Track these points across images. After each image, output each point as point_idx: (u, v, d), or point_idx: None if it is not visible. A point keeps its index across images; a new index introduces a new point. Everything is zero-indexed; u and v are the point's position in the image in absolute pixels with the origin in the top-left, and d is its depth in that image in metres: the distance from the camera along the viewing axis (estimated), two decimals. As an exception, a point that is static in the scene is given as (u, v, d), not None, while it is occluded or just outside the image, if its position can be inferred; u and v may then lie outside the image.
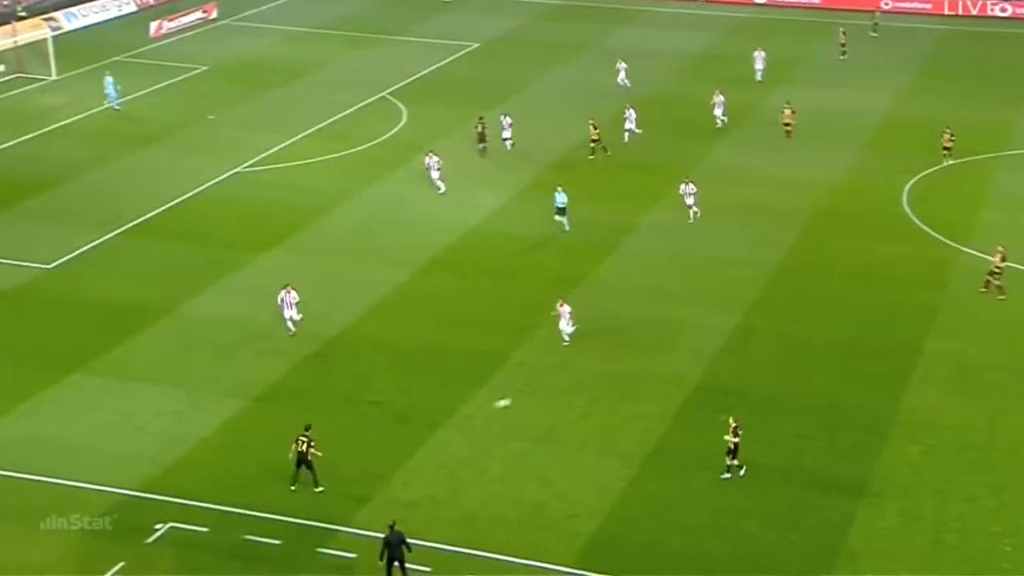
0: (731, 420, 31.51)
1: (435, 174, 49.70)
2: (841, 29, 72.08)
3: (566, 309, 37.94)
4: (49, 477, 31.29)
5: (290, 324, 38.23)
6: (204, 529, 29.46)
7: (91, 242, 45.09)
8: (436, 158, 50.07)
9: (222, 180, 51.22)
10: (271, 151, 54.14)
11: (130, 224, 46.69)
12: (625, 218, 47.70)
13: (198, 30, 75.70)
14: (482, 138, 53.65)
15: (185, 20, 75.98)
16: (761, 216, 48.16)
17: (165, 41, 72.93)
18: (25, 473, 31.45)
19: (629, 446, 32.95)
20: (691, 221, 45.74)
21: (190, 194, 49.66)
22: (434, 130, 57.13)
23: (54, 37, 67.62)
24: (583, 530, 29.78)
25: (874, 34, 75.13)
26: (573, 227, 46.54)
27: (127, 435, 33.31)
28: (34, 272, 42.74)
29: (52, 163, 53.02)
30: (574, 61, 69.88)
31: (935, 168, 52.59)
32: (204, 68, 67.42)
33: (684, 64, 69.25)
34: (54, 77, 64.35)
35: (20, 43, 67.00)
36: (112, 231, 46.03)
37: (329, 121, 58.33)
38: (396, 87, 63.70)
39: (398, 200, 49.55)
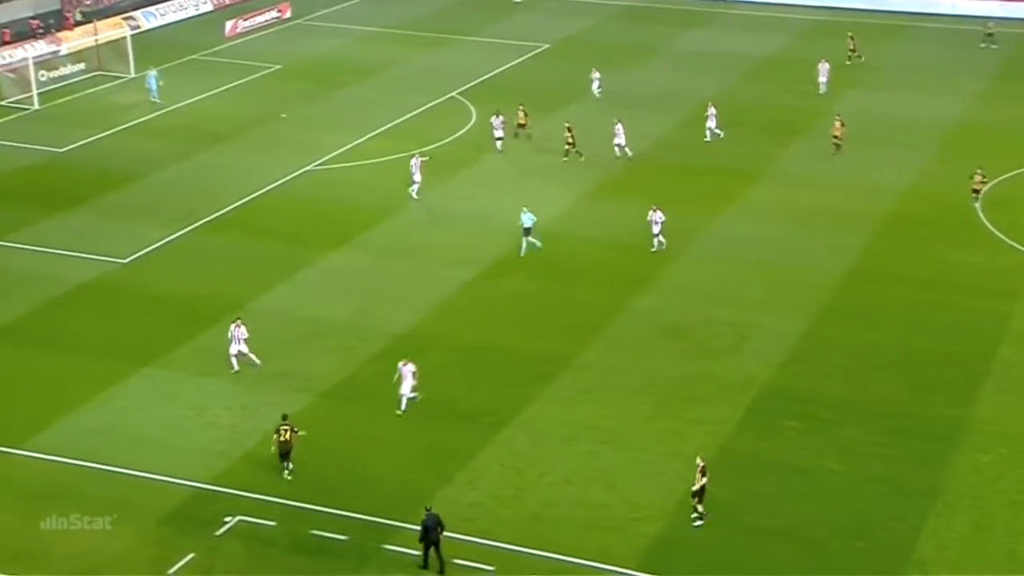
0: (699, 460, 30.02)
1: (498, 133, 51.81)
2: (849, 34, 70.63)
3: (409, 369, 34.31)
4: (122, 468, 31.67)
5: (234, 361, 35.91)
6: (271, 523, 29.65)
7: (165, 237, 45.64)
8: (501, 118, 52.85)
9: (293, 178, 51.61)
10: (341, 150, 54.44)
11: (203, 220, 47.18)
12: (693, 221, 47.33)
13: (272, 29, 76.37)
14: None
15: (259, 19, 76.71)
16: (830, 221, 47.57)
17: (240, 40, 73.67)
18: (99, 463, 31.87)
19: (695, 449, 32.57)
20: (654, 249, 43.64)
21: (262, 191, 50.08)
22: (504, 130, 56.98)
23: (133, 36, 68.59)
24: (647, 532, 29.55)
25: (991, 45, 71.58)
26: (639, 229, 46.20)
27: (197, 429, 33.63)
28: (110, 266, 43.34)
29: (129, 159, 53.76)
30: (644, 63, 69.50)
31: (1011, 174, 51.58)
32: (277, 67, 68.00)
33: (754, 67, 68.60)
34: (132, 75, 65.26)
35: (100, 41, 68.07)
36: (186, 227, 46.55)
37: (399, 121, 58.52)
38: (466, 87, 63.77)
39: (467, 200, 49.57)
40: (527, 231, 44.05)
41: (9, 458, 32.14)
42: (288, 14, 78.91)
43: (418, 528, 28.16)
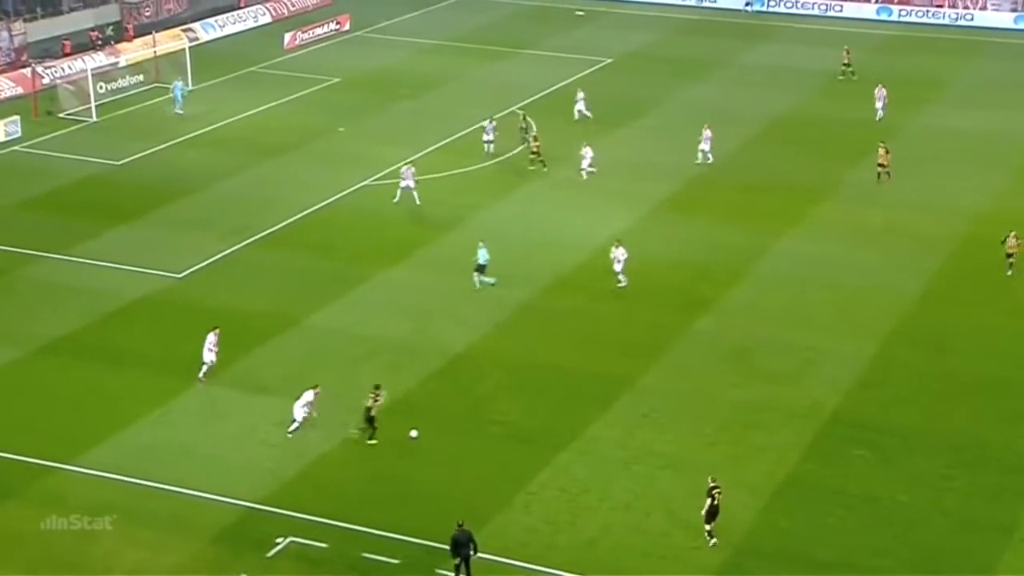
0: (710, 480, 29.86)
1: (488, 137, 53.55)
2: (845, 47, 69.67)
3: (310, 394, 34.22)
4: (174, 486, 31.91)
5: (206, 368, 36.61)
6: (323, 545, 29.71)
7: (221, 252, 46.06)
8: (494, 124, 55.30)
9: (350, 192, 51.90)
10: (399, 164, 54.63)
11: (259, 234, 47.56)
12: (759, 240, 47.00)
13: (331, 41, 76.99)
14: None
15: (319, 31, 77.35)
16: (902, 242, 47.01)
17: (298, 52, 74.33)
18: (151, 481, 32.12)
19: (759, 477, 32.30)
20: (621, 285, 42.55)
21: (319, 206, 50.40)
22: (564, 146, 57.01)
23: (191, 48, 69.48)
24: (709, 563, 29.25)
25: None
26: (702, 248, 46.02)
27: (250, 447, 33.82)
28: (165, 281, 43.81)
29: (185, 172, 54.37)
30: (709, 78, 69.21)
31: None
32: (336, 79, 68.52)
33: (822, 82, 68.04)
34: (190, 87, 66.04)
35: (159, 53, 69.02)
36: (242, 241, 46.95)
37: (458, 135, 58.69)
38: (527, 101, 63.83)
39: (525, 217, 49.57)
40: (480, 268, 42.48)
41: (62, 473, 32.52)
42: (347, 26, 79.51)
43: (490, 557, 28.12)
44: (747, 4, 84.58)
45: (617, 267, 42.71)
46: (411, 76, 69.32)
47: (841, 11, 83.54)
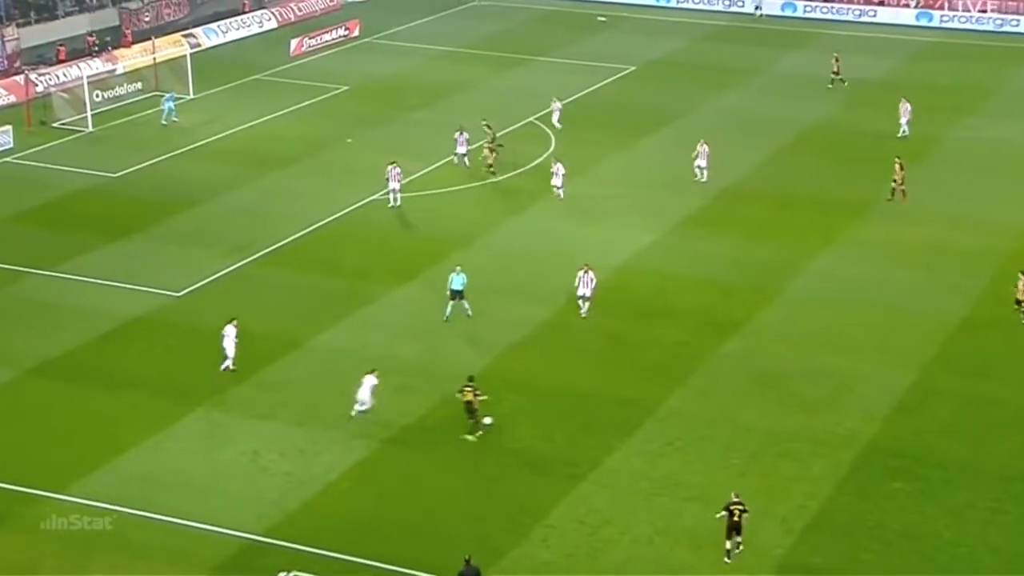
0: (733, 495, 30.09)
1: (461, 149, 53.07)
2: (835, 54, 69.58)
3: (370, 380, 35.75)
4: (171, 517, 31.80)
5: (229, 363, 38.25)
6: (329, 579, 29.62)
7: (222, 269, 46.09)
8: (466, 135, 54.89)
9: (359, 207, 51.94)
10: (410, 177, 54.68)
11: (263, 251, 47.60)
12: (791, 259, 46.86)
13: (340, 48, 77.26)
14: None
15: (327, 37, 77.65)
16: (944, 261, 46.82)
17: (305, 59, 74.59)
18: (147, 511, 32.01)
19: (791, 510, 32.06)
20: (583, 315, 42.01)
21: (325, 221, 50.44)
22: (584, 158, 57.04)
23: (193, 54, 69.76)
24: (737, 602, 29.06)
25: None
26: (731, 267, 45.88)
27: (251, 476, 33.74)
28: (163, 299, 43.84)
29: (185, 185, 54.50)
30: (740, 87, 69.20)
31: None
32: (344, 88, 68.69)
33: (855, 92, 67.92)
34: (191, 96, 66.33)
35: (158, 60, 69.31)
36: (244, 258, 46.99)
37: (472, 147, 58.70)
38: (545, 112, 63.86)
39: (543, 232, 49.52)
40: (456, 294, 41.80)
41: (52, 503, 32.43)
42: (356, 32, 79.79)
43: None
44: (756, 8, 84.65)
45: (586, 291, 41.98)
46: (423, 84, 69.46)
47: (875, 16, 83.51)
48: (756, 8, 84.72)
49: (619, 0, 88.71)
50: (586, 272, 42.26)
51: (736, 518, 29.92)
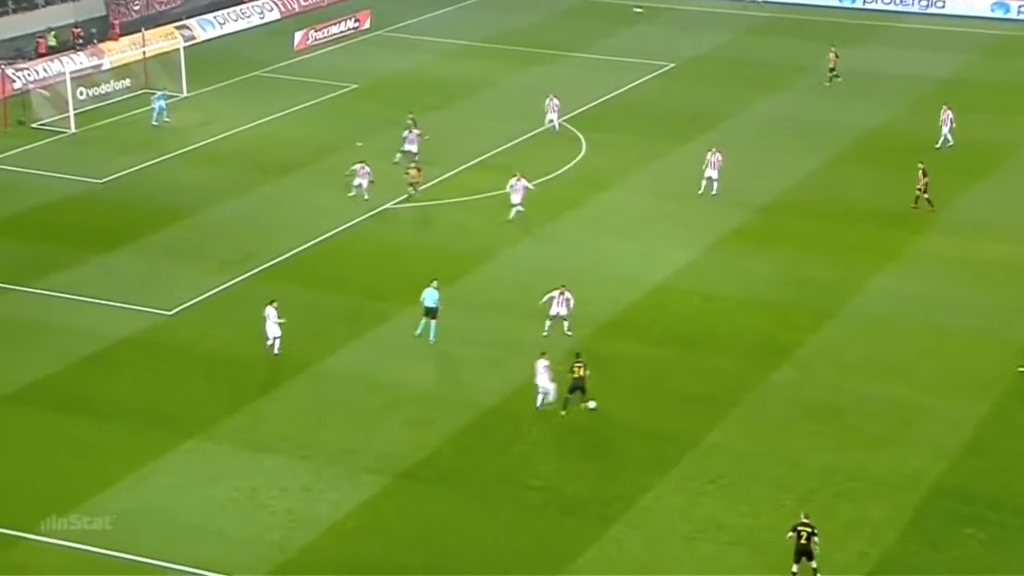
0: (803, 515, 30.70)
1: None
2: (832, 48, 69.50)
3: (543, 364, 37.96)
4: (160, 560, 31.80)
5: (274, 341, 40.94)
6: (333, 631, 29.60)
7: (218, 285, 46.22)
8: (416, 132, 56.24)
9: (369, 217, 52.06)
10: (426, 185, 54.79)
11: (263, 265, 47.72)
12: (848, 277, 46.73)
13: (348, 42, 77.56)
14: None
15: (334, 30, 77.99)
16: (1020, 280, 46.61)
17: (311, 54, 74.91)
18: (133, 554, 32.03)
19: (849, 558, 31.89)
20: (568, 333, 42.21)
21: (332, 232, 50.55)
22: (616, 166, 57.04)
23: (186, 48, 70.14)
24: (788, 660, 28.89)
25: None
26: (780, 286, 45.76)
27: (249, 514, 33.75)
28: (153, 318, 43.96)
29: (179, 192, 54.73)
30: (790, 86, 69.14)
31: None
32: (354, 86, 68.93)
33: (921, 92, 67.82)
34: (185, 94, 66.65)
35: (149, 54, 69.69)
36: (243, 273, 47.12)
37: (494, 151, 58.74)
38: (574, 113, 63.91)
39: (571, 247, 49.51)
40: (431, 312, 42.03)
41: (27, 544, 32.48)
42: (367, 24, 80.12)
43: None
44: None
45: (563, 311, 42.06)
46: (440, 83, 69.64)
47: (944, 7, 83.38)
48: None
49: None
50: (562, 293, 42.31)
51: (804, 541, 30.23)
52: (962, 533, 32.85)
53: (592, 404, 37.86)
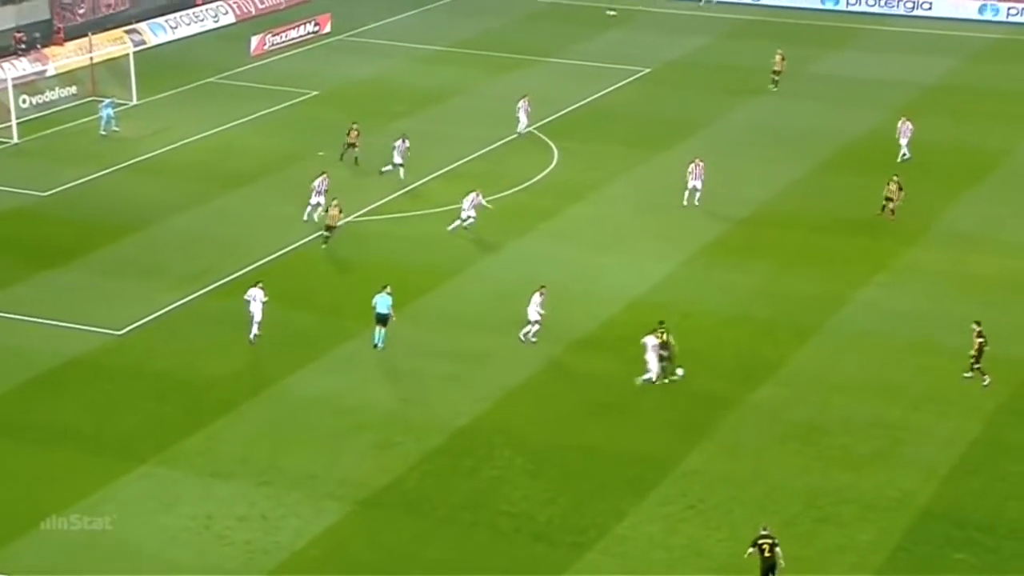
0: (761, 528, 31.05)
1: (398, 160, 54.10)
2: (778, 51, 70.34)
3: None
4: (109, 591, 31.83)
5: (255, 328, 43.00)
6: (294, 666, 29.60)
7: (171, 303, 46.16)
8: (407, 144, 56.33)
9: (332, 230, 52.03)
10: (391, 196, 54.90)
11: (219, 282, 47.69)
12: (834, 291, 47.00)
13: (308, 46, 77.62)
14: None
15: (293, 34, 78.06)
16: (1013, 294, 46.99)
17: (268, 59, 74.94)
18: (80, 585, 32.05)
19: (834, 585, 32.11)
20: (531, 339, 43.27)
21: (292, 246, 50.56)
22: (592, 175, 57.29)
23: (136, 53, 70.04)
24: None
25: None
26: (763, 301, 46.02)
27: (205, 544, 33.69)
28: (102, 338, 43.88)
29: (129, 205, 54.64)
30: (772, 93, 69.48)
31: None
32: (314, 93, 68.99)
33: (907, 97, 68.34)
34: (135, 102, 66.55)
35: (96, 60, 69.60)
36: (197, 290, 47.08)
37: (463, 161, 58.90)
38: (546, 120, 64.15)
39: (545, 260, 49.64)
40: (382, 318, 42.64)
41: (-30, 575, 32.46)
42: (328, 28, 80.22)
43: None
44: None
45: (535, 315, 43.10)
46: (406, 89, 69.80)
47: (930, 9, 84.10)
48: None
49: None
50: (540, 292, 43.15)
51: (767, 554, 30.52)
52: (953, 558, 33.04)
53: (680, 372, 40.41)
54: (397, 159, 56.43)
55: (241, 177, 57.63)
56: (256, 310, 42.90)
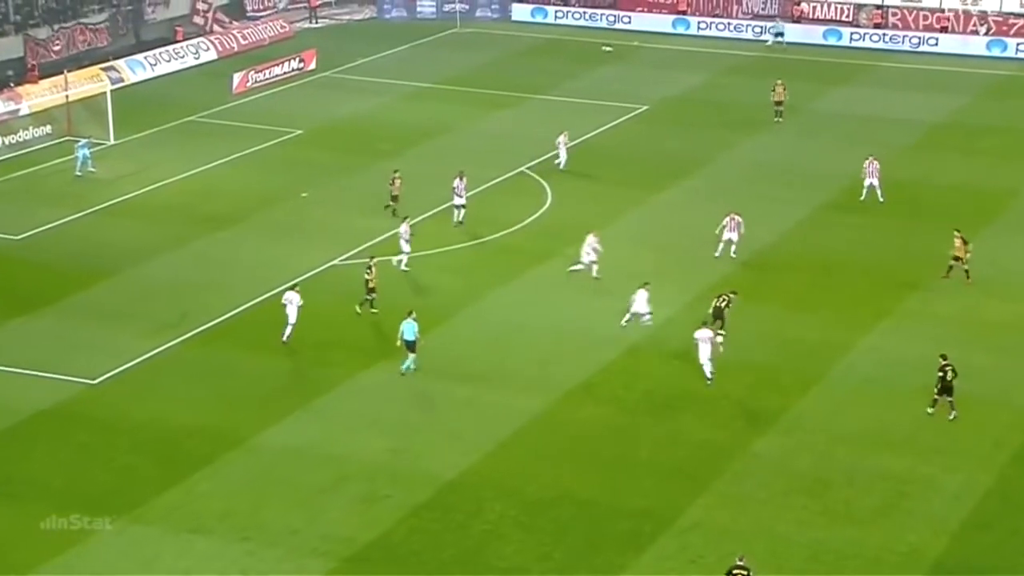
0: (737, 559, 31.41)
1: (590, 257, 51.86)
2: (779, 81, 70.95)
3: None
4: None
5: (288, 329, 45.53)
6: None
7: (149, 351, 46.09)
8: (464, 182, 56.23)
9: (316, 274, 52.07)
10: (378, 239, 54.92)
11: (198, 328, 47.67)
12: (839, 337, 47.01)
13: (293, 84, 77.90)
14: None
15: (277, 71, 78.33)
16: (1024, 340, 47.05)
17: (251, 97, 75.19)
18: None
19: (841, 645, 32.00)
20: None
21: (275, 291, 50.46)
22: (588, 215, 57.32)
23: (114, 91, 70.22)
24: None
25: None
26: (765, 346, 46.02)
27: (182, 602, 33.61)
28: (77, 387, 43.78)
29: (105, 249, 54.65)
30: (773, 131, 69.75)
31: None
32: (298, 132, 69.16)
33: (913, 136, 68.65)
34: (112, 141, 66.67)
35: (72, 98, 69.75)
36: (175, 337, 47.03)
37: (453, 202, 58.97)
38: (539, 160, 64.30)
39: (539, 304, 49.68)
40: (410, 345, 43.88)
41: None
42: (313, 65, 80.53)
43: None
44: (777, 35, 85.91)
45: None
46: (393, 128, 69.99)
47: (936, 45, 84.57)
48: (775, 35, 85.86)
49: (628, 28, 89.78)
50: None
51: None
52: (964, 615, 33.07)
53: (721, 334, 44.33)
54: (458, 200, 56.42)
55: (221, 219, 57.67)
56: (292, 313, 45.74)
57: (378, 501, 37.60)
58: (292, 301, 45.85)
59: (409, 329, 43.62)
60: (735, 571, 31.70)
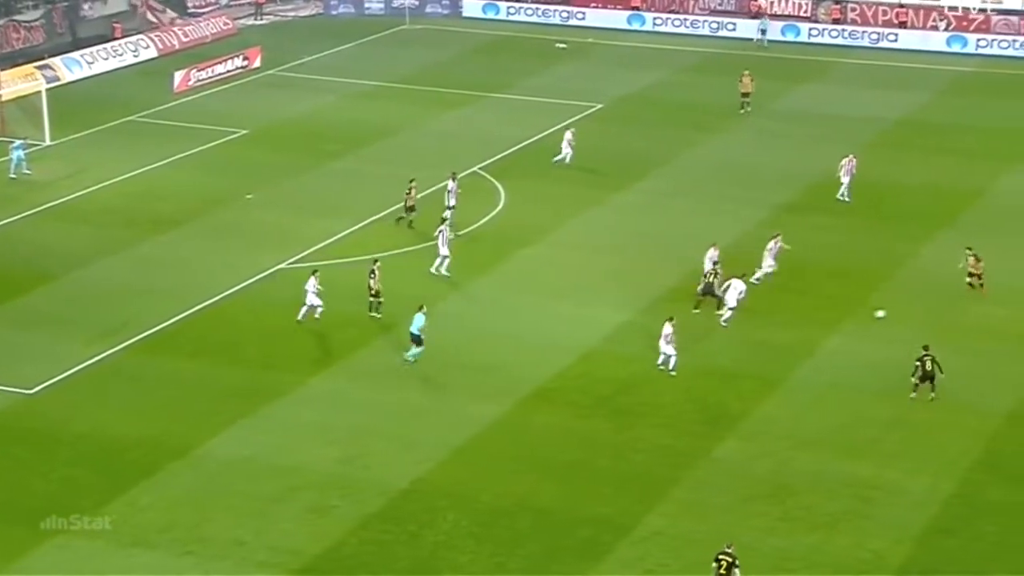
0: (726, 545, 32.21)
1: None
2: (745, 72, 72.05)
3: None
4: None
5: (317, 312, 47.43)
6: None
7: (89, 358, 45.89)
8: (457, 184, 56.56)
9: (261, 278, 52.01)
10: (327, 241, 54.91)
11: (140, 335, 47.48)
12: (802, 339, 47.31)
13: (237, 82, 77.75)
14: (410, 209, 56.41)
15: (220, 69, 78.14)
16: (997, 345, 47.33)
17: (193, 96, 74.99)
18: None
19: (804, 654, 32.23)
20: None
21: (219, 296, 50.44)
22: (542, 217, 57.51)
23: (49, 90, 69.85)
24: None
25: None
26: (726, 350, 46.26)
27: (125, 618, 33.52)
28: (12, 398, 43.52)
29: (41, 253, 54.38)
30: (733, 129, 70.13)
31: None
32: (243, 132, 69.02)
33: (875, 133, 69.15)
34: (48, 142, 66.33)
35: (5, 98, 69.31)
36: (115, 344, 46.83)
37: (404, 203, 58.99)
38: (492, 160, 64.42)
39: (493, 309, 49.77)
40: (415, 338, 45.04)
41: None
42: (257, 63, 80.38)
43: None
44: (760, 33, 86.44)
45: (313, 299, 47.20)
46: (341, 128, 69.94)
47: (896, 41, 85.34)
48: (760, 33, 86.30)
49: (583, 24, 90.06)
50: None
51: (723, 571, 31.03)
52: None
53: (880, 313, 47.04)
54: (451, 201, 56.43)
55: (163, 222, 57.46)
56: (312, 300, 47.48)
57: (328, 511, 37.57)
58: (310, 288, 47.54)
59: (415, 322, 44.82)
60: (721, 557, 32.32)
